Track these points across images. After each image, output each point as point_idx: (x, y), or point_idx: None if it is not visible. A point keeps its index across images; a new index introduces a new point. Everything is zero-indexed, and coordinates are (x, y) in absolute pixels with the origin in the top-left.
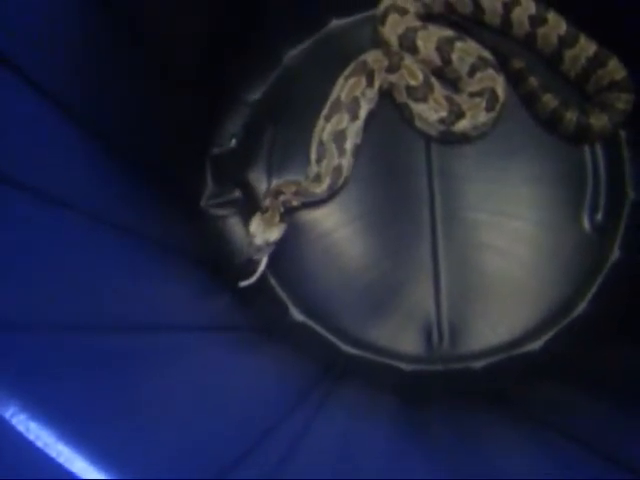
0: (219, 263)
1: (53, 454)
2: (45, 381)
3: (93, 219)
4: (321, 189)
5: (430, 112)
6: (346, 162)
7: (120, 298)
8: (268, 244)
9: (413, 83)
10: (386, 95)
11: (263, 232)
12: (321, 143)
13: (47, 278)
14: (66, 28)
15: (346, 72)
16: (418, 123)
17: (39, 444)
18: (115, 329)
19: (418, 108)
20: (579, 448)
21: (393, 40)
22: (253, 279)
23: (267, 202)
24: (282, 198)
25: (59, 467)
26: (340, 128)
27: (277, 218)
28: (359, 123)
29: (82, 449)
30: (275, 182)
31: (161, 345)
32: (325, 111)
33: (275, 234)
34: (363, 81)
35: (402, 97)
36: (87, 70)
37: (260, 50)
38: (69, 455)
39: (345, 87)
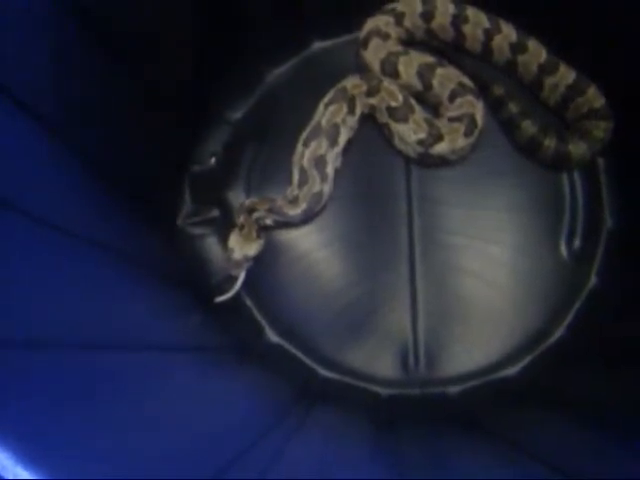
0: (195, 282)
1: (9, 477)
2: (6, 400)
3: (66, 234)
4: (295, 212)
5: (409, 133)
6: (327, 188)
7: (90, 316)
8: (247, 259)
9: (394, 104)
10: (368, 117)
11: (241, 247)
12: (302, 169)
13: (14, 293)
14: (49, 45)
15: (326, 99)
16: (397, 143)
17: None
18: (84, 348)
19: (398, 128)
20: (557, 475)
21: (375, 64)
22: (230, 294)
23: (241, 219)
24: (255, 215)
25: None
26: (319, 153)
27: (254, 234)
28: (338, 149)
29: (41, 472)
30: (249, 199)
31: (133, 364)
32: (304, 136)
33: (253, 249)
34: (344, 108)
35: (383, 118)
36: (67, 85)
37: (243, 69)
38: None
39: (326, 113)
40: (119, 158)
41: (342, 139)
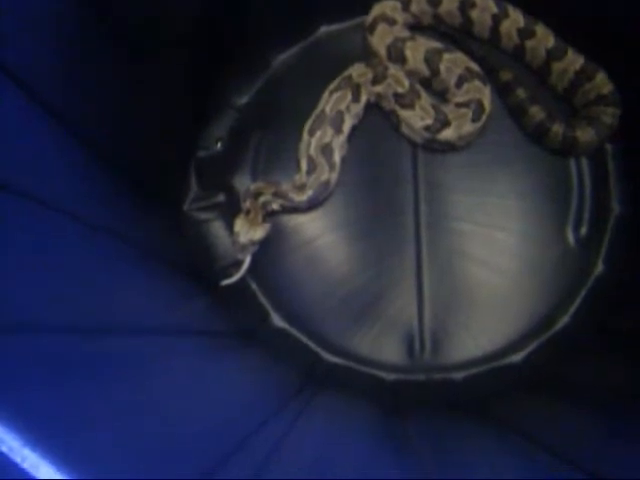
0: (200, 267)
1: (17, 459)
2: (12, 384)
3: (73, 220)
4: (300, 198)
5: (416, 119)
6: (335, 176)
7: (97, 301)
8: (252, 243)
9: (400, 90)
10: (373, 105)
11: (247, 231)
12: (310, 158)
13: (16, 277)
14: (52, 31)
15: (331, 86)
16: (404, 129)
17: (3, 449)
18: (91, 332)
19: (405, 114)
20: (561, 461)
21: (381, 50)
22: (236, 278)
23: (247, 203)
24: (262, 199)
25: (24, 473)
26: (325, 142)
27: (260, 218)
28: (343, 137)
29: (48, 454)
30: (254, 184)
31: (138, 348)
32: (309, 125)
33: (259, 233)
34: (349, 95)
35: (390, 104)
36: (71, 73)
37: (249, 54)
38: (35, 461)
39: (330, 101)
40: (124, 144)
41: (346, 127)
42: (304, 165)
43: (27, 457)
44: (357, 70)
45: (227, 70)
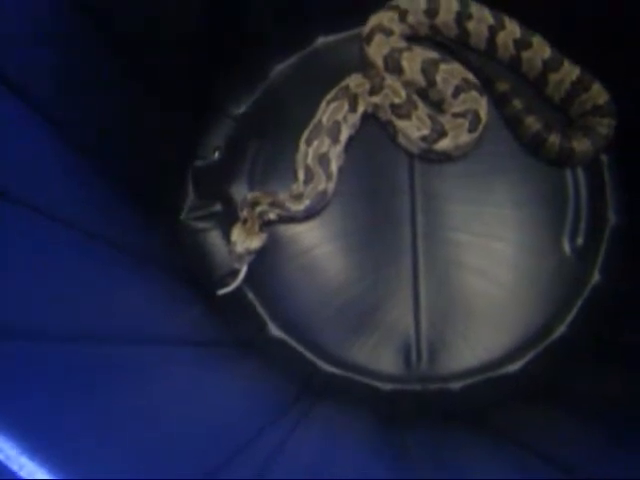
0: (197, 276)
1: (15, 467)
2: (10, 392)
3: (70, 228)
4: (297, 208)
5: (412, 129)
6: (332, 186)
7: (93, 309)
8: (249, 252)
9: (397, 101)
10: (370, 115)
11: (244, 241)
12: (307, 167)
13: (15, 284)
14: (50, 36)
15: (328, 97)
16: (401, 140)
17: (0, 457)
18: (87, 340)
19: (401, 125)
20: (558, 472)
21: (378, 60)
22: (232, 287)
23: (244, 213)
24: (259, 209)
25: None
26: (322, 151)
27: (257, 228)
28: (340, 147)
29: (46, 462)
30: (251, 193)
31: (138, 357)
32: (306, 135)
33: (256, 243)
34: (346, 105)
35: (386, 115)
36: (70, 80)
37: (247, 64)
38: (32, 469)
39: (327, 111)
40: (121, 153)
41: (343, 137)
42: (301, 175)
43: (24, 465)
44: (354, 80)
45: (225, 80)
